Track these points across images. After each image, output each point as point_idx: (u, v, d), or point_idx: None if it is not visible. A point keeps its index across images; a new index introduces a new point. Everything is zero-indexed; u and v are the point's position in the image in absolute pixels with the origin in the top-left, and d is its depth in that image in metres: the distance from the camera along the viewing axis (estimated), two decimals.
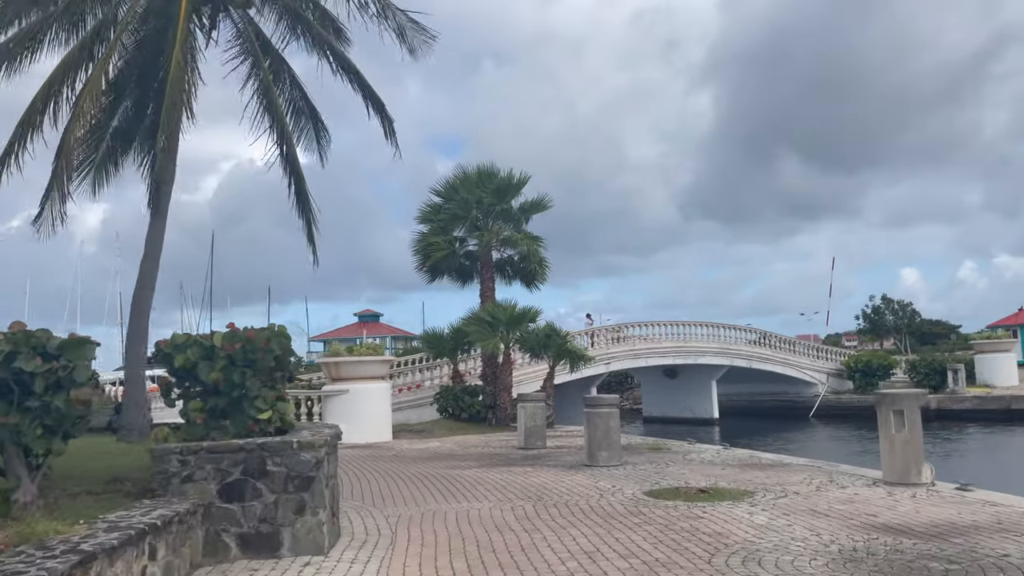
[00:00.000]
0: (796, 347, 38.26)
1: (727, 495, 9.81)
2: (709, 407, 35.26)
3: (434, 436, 20.06)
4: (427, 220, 23.47)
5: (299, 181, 12.46)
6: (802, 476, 11.31)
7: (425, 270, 23.88)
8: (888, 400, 10.34)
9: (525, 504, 9.58)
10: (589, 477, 11.82)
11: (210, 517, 6.94)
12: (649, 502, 9.47)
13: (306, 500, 7.09)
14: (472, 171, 23.10)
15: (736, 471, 12.10)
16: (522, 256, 23.80)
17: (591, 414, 13.47)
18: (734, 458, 13.85)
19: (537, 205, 23.21)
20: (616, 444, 13.43)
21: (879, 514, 8.37)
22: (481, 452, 16.20)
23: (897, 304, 75.17)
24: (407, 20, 13.75)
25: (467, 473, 12.69)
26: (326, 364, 19.80)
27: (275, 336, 7.83)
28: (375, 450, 17.16)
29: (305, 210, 12.64)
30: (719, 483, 10.81)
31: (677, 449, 15.62)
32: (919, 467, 10.08)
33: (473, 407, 22.20)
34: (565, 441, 18.00)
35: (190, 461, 7.02)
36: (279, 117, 12.26)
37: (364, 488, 11.44)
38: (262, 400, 7.58)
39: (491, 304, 22.38)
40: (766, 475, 11.53)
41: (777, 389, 37.69)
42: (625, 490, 10.46)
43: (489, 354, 22.31)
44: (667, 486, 10.69)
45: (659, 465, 13.08)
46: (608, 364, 31.05)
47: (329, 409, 19.16)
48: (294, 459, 7.11)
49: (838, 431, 32.72)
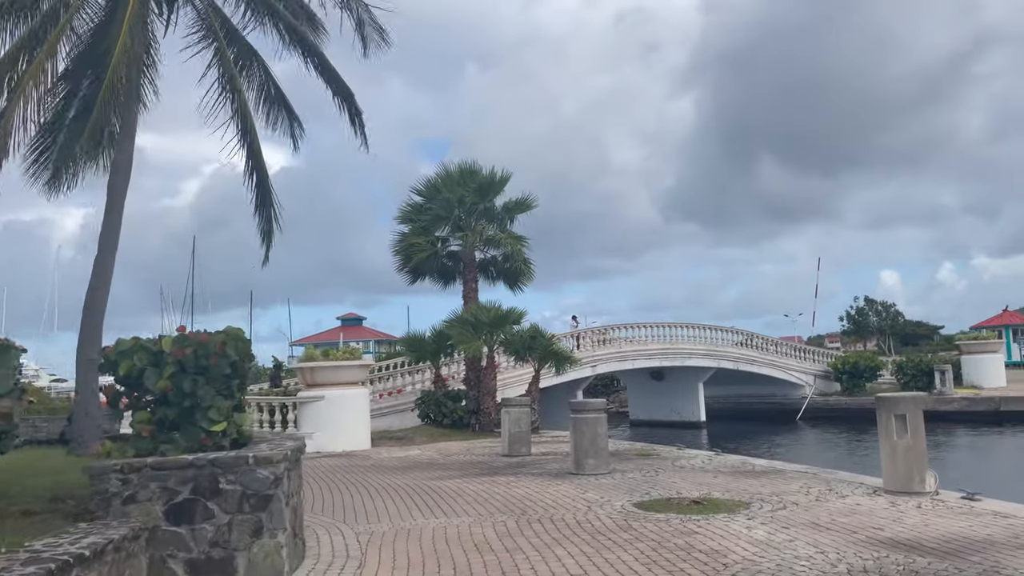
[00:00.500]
0: (783, 349, 37.89)
1: (722, 506, 9.23)
2: (696, 410, 34.77)
3: (415, 443, 19.37)
4: (408, 220, 22.77)
5: (262, 176, 11.77)
6: (798, 484, 10.75)
7: (407, 271, 23.18)
8: (889, 404, 9.79)
9: (507, 519, 8.94)
10: (576, 487, 11.20)
11: (155, 542, 6.25)
12: (640, 515, 8.86)
13: (263, 521, 6.42)
14: (454, 169, 22.46)
15: (729, 479, 11.53)
16: (506, 256, 23.17)
17: (577, 420, 12.86)
18: (726, 465, 13.29)
19: (521, 204, 22.58)
20: (603, 451, 12.83)
21: (885, 527, 7.80)
22: (463, 460, 15.55)
23: (880, 305, 75.27)
24: (368, 18, 13.16)
25: (447, 484, 12.04)
26: (301, 369, 19.07)
27: (231, 340, 7.15)
28: (352, 459, 16.45)
29: (266, 206, 11.94)
30: (712, 493, 10.23)
31: (666, 455, 15.05)
32: (923, 475, 9.54)
33: (456, 413, 21.52)
34: (551, 447, 17.38)
35: (132, 480, 6.33)
36: (242, 107, 11.56)
37: (336, 501, 10.75)
38: (216, 410, 6.90)
39: (474, 306, 21.73)
40: (761, 483, 10.96)
41: (764, 391, 37.27)
42: (614, 501, 9.85)
43: (472, 357, 21.64)
44: (658, 496, 10.09)
45: (648, 473, 12.49)
46: (594, 367, 30.47)
47: (304, 417, 18.43)
48: (250, 476, 6.43)
49: (826, 434, 32.33)
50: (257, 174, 11.82)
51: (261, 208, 11.97)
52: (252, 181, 11.81)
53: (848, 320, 74.65)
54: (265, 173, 11.91)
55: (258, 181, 11.83)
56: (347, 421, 18.43)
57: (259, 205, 11.99)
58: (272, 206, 12.00)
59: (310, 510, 10.06)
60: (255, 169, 11.78)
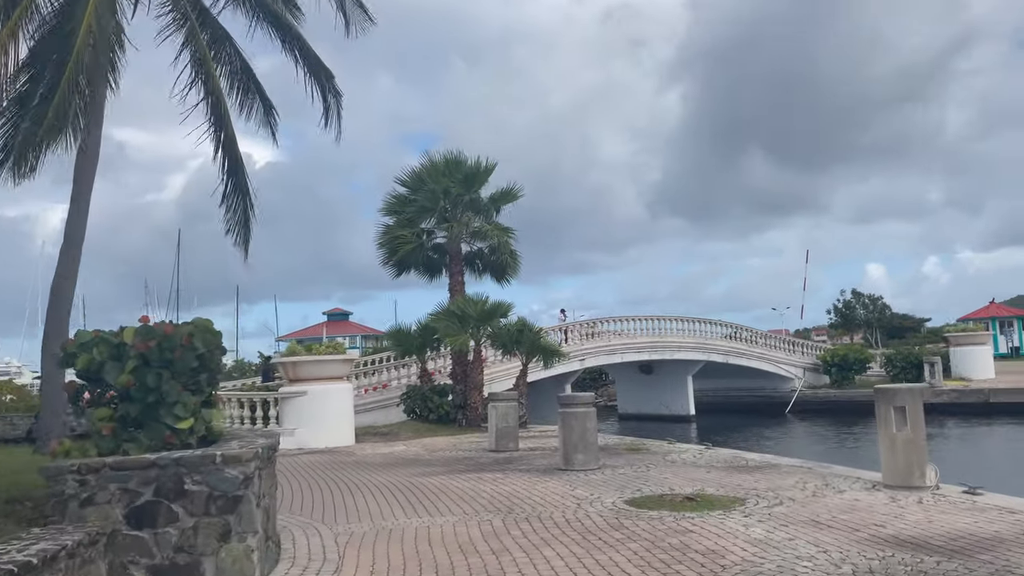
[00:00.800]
0: (772, 342, 37.69)
1: (717, 503, 8.88)
2: (685, 403, 34.52)
3: (400, 439, 18.96)
4: (393, 212, 22.29)
5: (236, 165, 11.27)
6: (794, 479, 10.43)
7: (391, 264, 22.71)
8: (888, 396, 9.48)
9: (494, 518, 8.56)
10: (564, 483, 10.84)
11: (115, 547, 5.82)
12: (632, 513, 8.50)
13: (232, 524, 6.00)
14: (439, 160, 21.99)
15: (722, 474, 11.20)
16: (492, 248, 22.75)
17: (566, 414, 12.50)
18: (718, 459, 12.97)
19: (507, 195, 22.15)
20: (593, 446, 12.47)
21: (887, 524, 7.48)
22: (449, 456, 15.16)
23: (868, 298, 75.40)
24: None
25: (432, 481, 11.65)
26: (283, 364, 18.60)
27: (198, 331, 6.73)
28: (335, 456, 16.03)
29: (242, 197, 11.44)
30: (706, 489, 9.89)
31: (656, 449, 14.72)
32: (923, 469, 9.24)
33: (442, 408, 21.12)
34: (539, 442, 17.02)
35: (90, 481, 5.90)
36: (216, 91, 11.07)
37: (315, 500, 10.34)
38: (182, 406, 6.48)
39: (460, 298, 21.32)
40: (755, 479, 10.63)
41: (754, 384, 37.08)
42: (604, 499, 9.49)
43: (459, 351, 21.25)
44: (650, 493, 9.74)
45: (639, 468, 12.15)
46: (583, 360, 30.14)
47: (287, 412, 17.98)
48: (217, 476, 6.01)
49: (816, 427, 32.17)
50: (230, 161, 11.33)
51: (235, 196, 11.47)
52: (225, 168, 11.31)
53: (835, 313, 74.76)
54: (240, 160, 11.42)
55: (231, 168, 11.34)
56: (330, 417, 18.00)
57: (232, 194, 11.49)
58: (248, 195, 11.51)
59: (288, 509, 9.65)
60: (229, 156, 11.29)
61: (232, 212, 11.53)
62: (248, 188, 11.57)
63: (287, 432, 17.87)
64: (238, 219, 11.57)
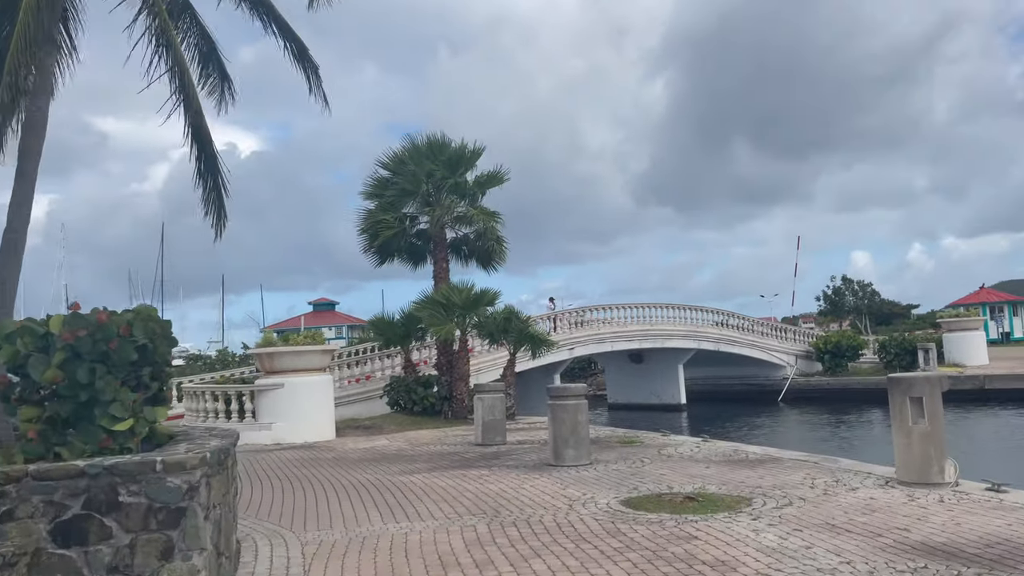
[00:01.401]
0: (764, 329, 37.13)
1: (720, 503, 8.18)
2: (676, 392, 33.94)
3: (383, 433, 18.20)
4: (374, 196, 21.39)
5: (205, 138, 10.42)
6: (800, 475, 9.76)
7: (373, 251, 21.84)
8: (903, 385, 8.80)
9: (478, 522, 7.82)
10: (555, 481, 10.12)
11: (39, 568, 5.04)
12: (629, 516, 7.79)
13: (175, 540, 5.22)
14: (422, 142, 21.09)
15: (723, 469, 10.52)
16: (478, 234, 21.93)
17: (556, 406, 11.78)
18: (716, 453, 12.29)
19: (493, 178, 21.30)
20: (584, 440, 11.76)
21: (911, 528, 6.80)
22: (433, 451, 14.42)
23: (857, 284, 75.26)
24: None
25: (414, 480, 10.90)
26: (259, 355, 17.77)
27: (139, 320, 5.92)
28: (314, 451, 15.25)
29: (213, 173, 10.60)
30: (707, 487, 9.20)
31: (650, 442, 14.03)
32: (941, 464, 8.57)
33: (427, 399, 20.35)
34: (527, 435, 16.31)
35: (10, 492, 5.09)
36: (180, 62, 10.20)
37: (286, 502, 9.56)
38: (120, 405, 5.68)
39: (445, 286, 20.51)
40: (758, 475, 9.95)
41: (745, 372, 36.55)
42: (598, 498, 8.77)
43: (444, 341, 20.46)
44: (647, 492, 9.04)
45: (633, 463, 11.45)
46: (572, 349, 29.46)
47: (263, 406, 17.18)
48: (158, 485, 5.22)
49: (809, 415, 31.69)
50: (199, 137, 10.48)
51: (206, 175, 10.63)
52: (193, 144, 10.45)
53: (825, 300, 74.55)
54: (208, 135, 10.57)
55: (201, 144, 10.48)
56: (309, 410, 17.20)
57: (204, 171, 10.65)
58: (220, 175, 10.66)
59: (255, 513, 8.89)
60: (196, 131, 10.44)
61: (205, 190, 10.69)
62: (219, 164, 10.73)
63: (264, 427, 17.10)
64: (211, 198, 10.72)
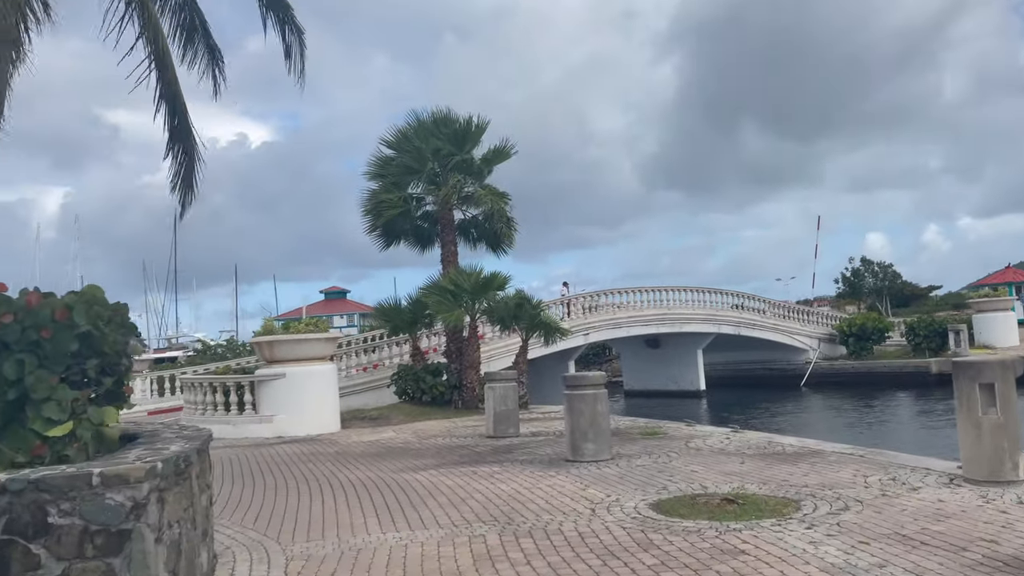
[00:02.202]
0: (785, 312, 35.94)
1: (764, 507, 7.18)
2: (695, 378, 32.89)
3: (390, 424, 17.29)
4: (377, 175, 20.38)
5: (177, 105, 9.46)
6: (849, 471, 8.74)
7: (378, 233, 20.87)
8: (972, 371, 7.73)
9: (488, 532, 6.86)
10: (574, 479, 9.15)
11: None
12: (661, 523, 6.80)
13: (117, 570, 4.28)
14: (426, 118, 20.06)
15: (760, 465, 9.52)
16: (487, 216, 20.90)
17: (573, 397, 10.79)
18: (749, 445, 11.29)
19: (500, 153, 20.22)
20: (604, 433, 10.78)
21: (999, 539, 5.77)
22: (442, 444, 13.49)
23: (877, 266, 73.67)
24: None
25: (419, 478, 9.96)
26: (258, 344, 16.87)
27: (80, 303, 4.97)
28: (315, 445, 14.36)
29: (185, 143, 9.64)
30: (746, 486, 8.20)
31: (675, 433, 13.04)
32: (1016, 459, 7.53)
33: (436, 388, 19.42)
34: (542, 425, 15.36)
35: None
36: (153, 25, 9.24)
37: (277, 506, 8.64)
38: (56, 406, 4.75)
39: (453, 271, 19.53)
40: (802, 471, 8.94)
41: (766, 357, 35.43)
42: (624, 501, 7.79)
43: (453, 328, 19.53)
44: (678, 492, 8.05)
45: (659, 457, 10.47)
46: (586, 335, 28.46)
47: (264, 397, 16.29)
48: (95, 503, 4.27)
49: (834, 401, 30.61)
50: (173, 107, 9.53)
51: (181, 148, 9.67)
52: (164, 112, 9.50)
53: (843, 282, 73.05)
54: (183, 105, 9.62)
55: (171, 113, 9.53)
56: (312, 401, 16.32)
57: (178, 145, 9.70)
58: (193, 144, 9.70)
59: (240, 520, 7.96)
60: (171, 101, 9.48)
61: (176, 162, 9.74)
62: (193, 135, 9.76)
63: (265, 419, 16.24)
64: (182, 171, 9.78)
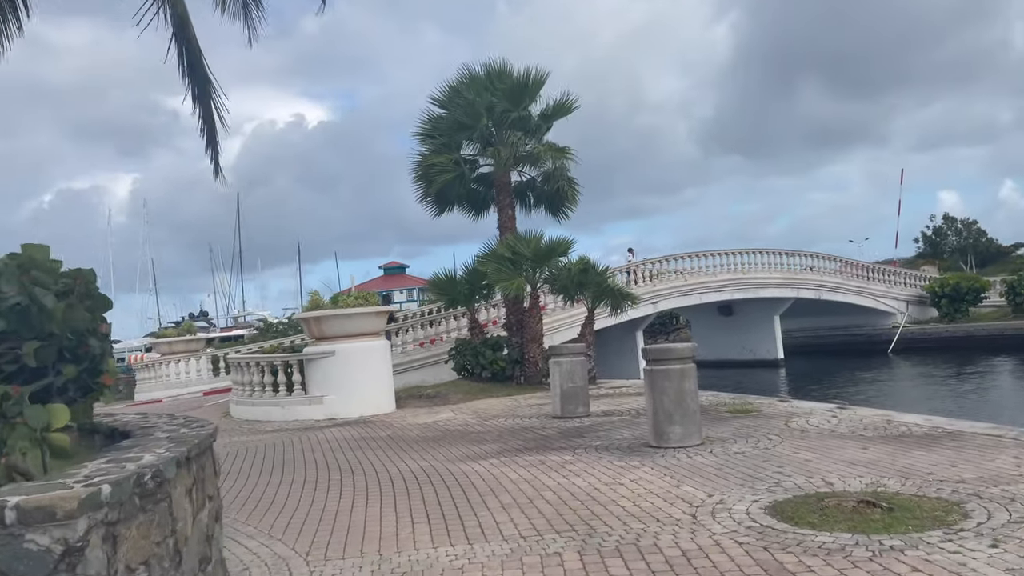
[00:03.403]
0: (869, 273, 33.36)
1: (919, 512, 5.57)
2: (772, 347, 30.83)
3: (448, 403, 16.05)
4: (427, 136, 18.97)
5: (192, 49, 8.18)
6: (1008, 460, 7.05)
7: (430, 200, 19.52)
8: None
9: (565, 549, 5.44)
10: (662, 472, 7.67)
11: None
12: (788, 537, 5.26)
13: None
14: (479, 71, 18.47)
15: (887, 450, 7.86)
16: (547, 176, 19.32)
17: (655, 372, 9.27)
18: (863, 425, 9.59)
19: (561, 108, 18.51)
20: (693, 414, 9.23)
21: None
22: (504, 426, 12.16)
23: (961, 223, 69.26)
24: None
25: (479, 469, 8.63)
26: (305, 320, 15.79)
27: (7, 270, 3.69)
28: (367, 428, 13.21)
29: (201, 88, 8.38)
30: (882, 481, 6.59)
31: (770, 411, 11.41)
32: None
33: (496, 364, 18.11)
34: (613, 403, 13.88)
35: None
36: None
37: (315, 506, 7.41)
38: None
39: (511, 236, 18.07)
40: (946, 459, 7.26)
41: (848, 322, 33.03)
42: (731, 502, 6.28)
43: (513, 298, 18.12)
44: (797, 490, 6.48)
45: (759, 442, 8.89)
46: (655, 303, 26.71)
47: (313, 377, 15.23)
48: (9, 550, 2.99)
49: (926, 368, 28.21)
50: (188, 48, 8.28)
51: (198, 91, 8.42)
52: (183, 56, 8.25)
53: (924, 241, 68.97)
54: (197, 47, 8.36)
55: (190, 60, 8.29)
56: (363, 380, 15.18)
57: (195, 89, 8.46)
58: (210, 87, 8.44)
59: (269, 527, 6.75)
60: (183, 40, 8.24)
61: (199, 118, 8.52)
62: (212, 82, 8.50)
63: (314, 400, 15.19)
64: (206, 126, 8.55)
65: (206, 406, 20.47)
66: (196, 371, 26.18)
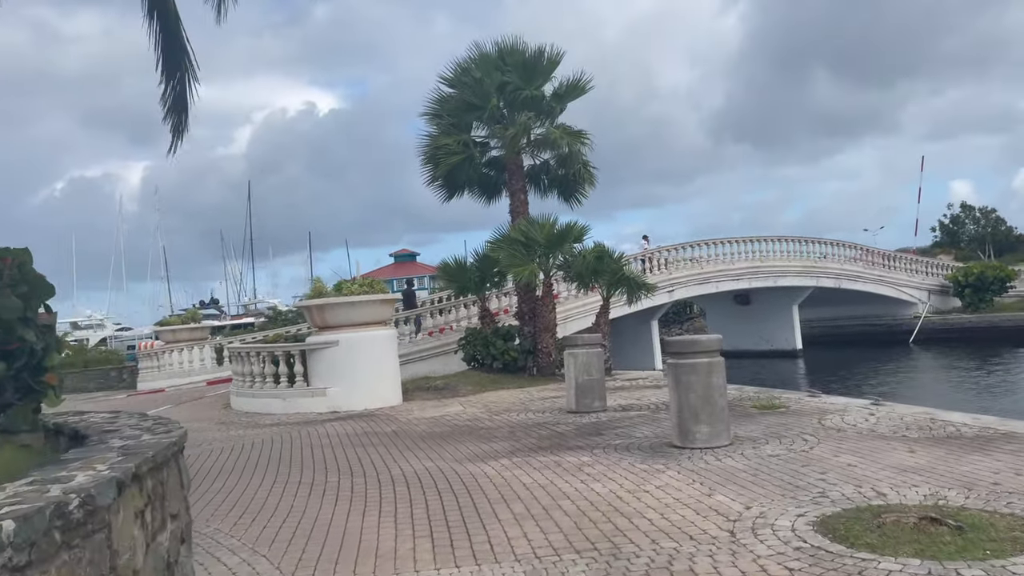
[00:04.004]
0: (891, 262, 32.42)
1: (997, 533, 4.83)
2: (791, 337, 30.00)
3: (457, 395, 15.38)
4: (435, 116, 18.20)
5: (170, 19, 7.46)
6: None
7: (439, 183, 18.78)
8: None
9: (586, 573, 4.73)
10: (690, 476, 6.95)
11: None
12: (846, 563, 4.53)
13: None
14: (490, 50, 17.67)
15: (939, 455, 7.11)
16: (560, 160, 18.53)
17: (680, 367, 8.53)
18: (905, 424, 8.83)
19: (574, 88, 17.68)
20: (721, 412, 8.50)
21: None
22: (516, 421, 11.46)
23: (979, 212, 67.96)
24: None
25: (488, 470, 7.94)
26: (307, 308, 15.11)
27: None
28: (371, 422, 12.55)
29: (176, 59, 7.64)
30: (943, 492, 5.84)
31: (799, 407, 10.65)
32: None
33: (508, 354, 17.41)
34: (630, 396, 13.16)
35: None
36: None
37: (305, 515, 6.73)
38: None
39: (523, 221, 17.33)
40: (1008, 466, 6.51)
41: (869, 312, 32.13)
42: (772, 515, 5.55)
43: (525, 285, 17.40)
44: (846, 503, 5.75)
45: (793, 442, 8.16)
46: (671, 292, 25.92)
47: (315, 368, 14.58)
48: None
49: (950, 359, 27.34)
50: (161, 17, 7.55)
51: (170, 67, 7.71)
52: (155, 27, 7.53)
53: (941, 230, 67.73)
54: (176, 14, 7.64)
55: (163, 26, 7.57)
56: (368, 371, 14.52)
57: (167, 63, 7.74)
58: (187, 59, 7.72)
59: (254, 539, 6.08)
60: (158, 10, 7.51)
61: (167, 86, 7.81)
62: (186, 47, 7.78)
63: (317, 392, 14.55)
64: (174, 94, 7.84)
65: (208, 396, 19.90)
66: (200, 360, 25.64)
